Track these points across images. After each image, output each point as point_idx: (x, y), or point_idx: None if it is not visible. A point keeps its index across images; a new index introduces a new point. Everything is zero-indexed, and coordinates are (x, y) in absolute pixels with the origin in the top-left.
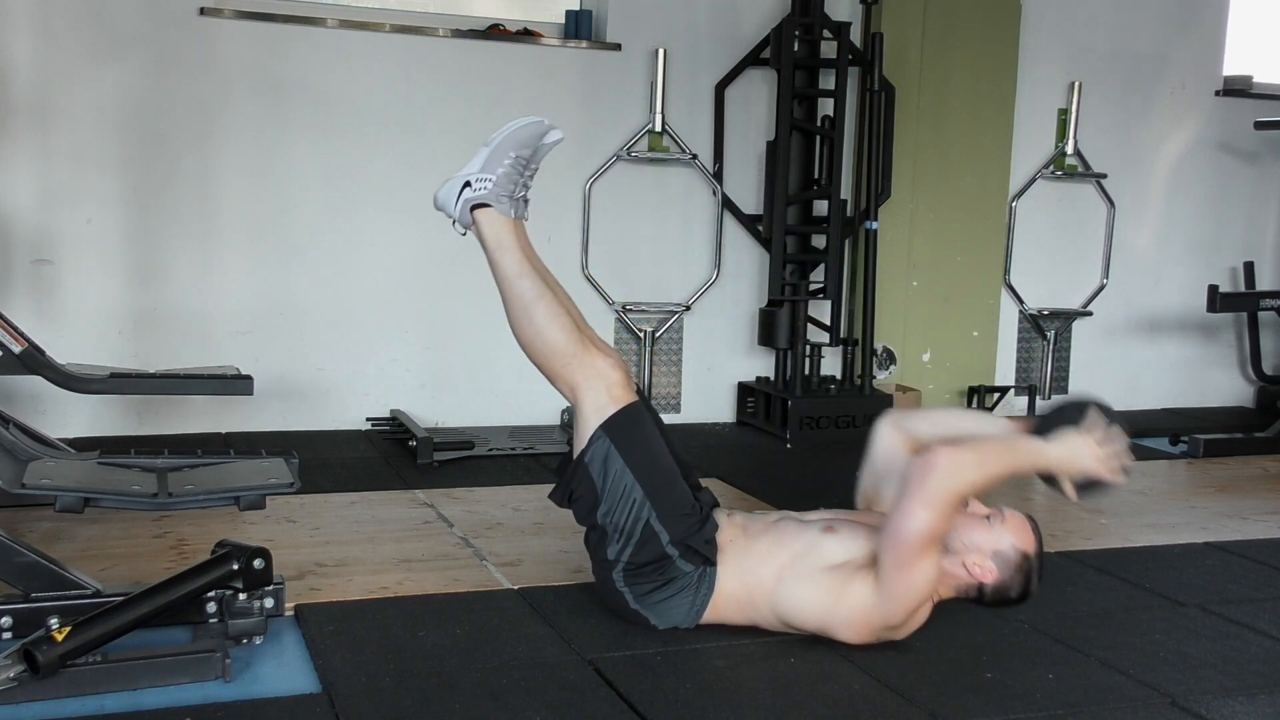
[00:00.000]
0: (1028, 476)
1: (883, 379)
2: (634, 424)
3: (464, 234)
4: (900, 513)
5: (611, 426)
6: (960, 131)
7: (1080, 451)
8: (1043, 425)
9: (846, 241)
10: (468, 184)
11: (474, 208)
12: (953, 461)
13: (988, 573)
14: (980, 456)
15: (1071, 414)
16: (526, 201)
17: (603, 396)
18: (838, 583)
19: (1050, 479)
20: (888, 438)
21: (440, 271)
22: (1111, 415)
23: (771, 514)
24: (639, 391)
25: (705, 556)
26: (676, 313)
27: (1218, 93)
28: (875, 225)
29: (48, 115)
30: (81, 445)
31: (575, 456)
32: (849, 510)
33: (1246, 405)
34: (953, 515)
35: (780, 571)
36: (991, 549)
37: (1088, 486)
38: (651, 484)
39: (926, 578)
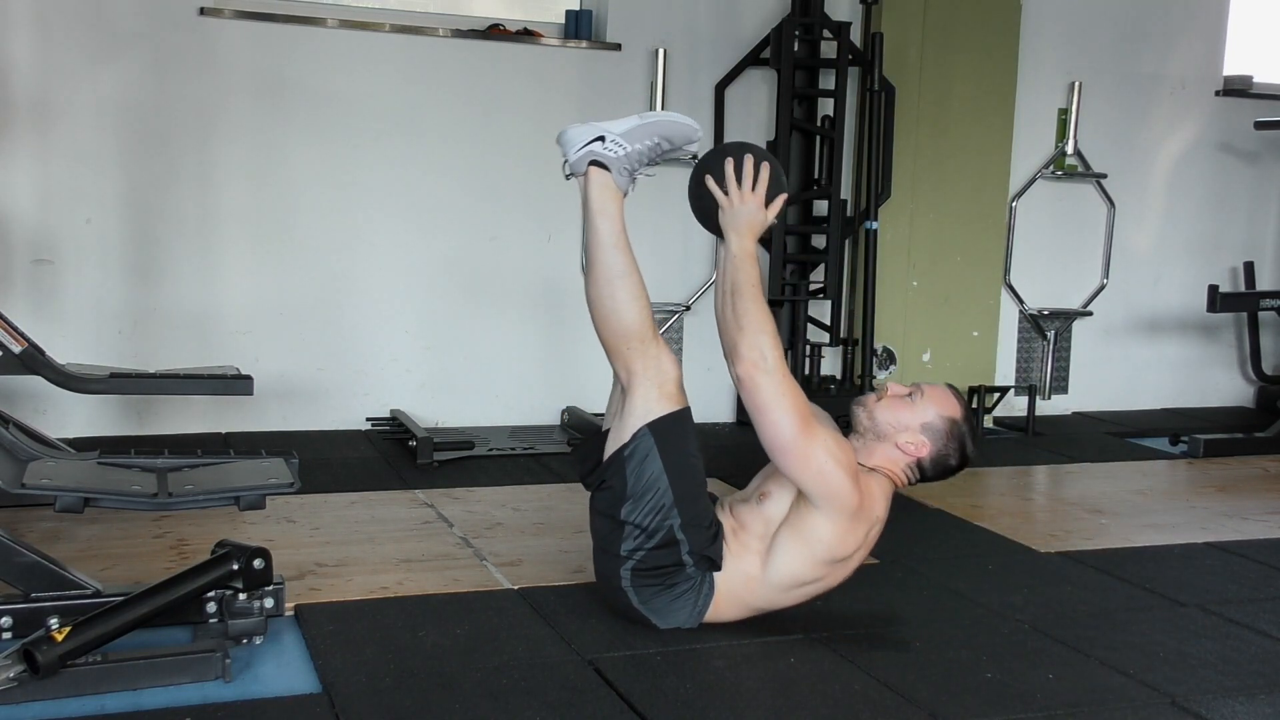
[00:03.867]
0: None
1: (883, 379)
2: (681, 431)
3: (568, 177)
4: (765, 433)
5: (659, 429)
6: (960, 131)
7: (740, 216)
8: (713, 229)
9: (846, 241)
10: (601, 138)
11: (593, 163)
12: (748, 356)
13: (921, 446)
14: (748, 325)
15: (705, 204)
16: (635, 181)
17: (654, 391)
18: (796, 531)
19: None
20: None
21: (440, 271)
22: (711, 160)
23: (732, 499)
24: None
25: (714, 563)
26: (677, 312)
27: (1218, 93)
28: (875, 225)
29: (48, 115)
30: (81, 445)
31: (616, 449)
32: (765, 469)
33: (1246, 405)
34: (789, 374)
35: (759, 557)
36: (919, 423)
37: (774, 198)
38: (683, 493)
39: (829, 450)
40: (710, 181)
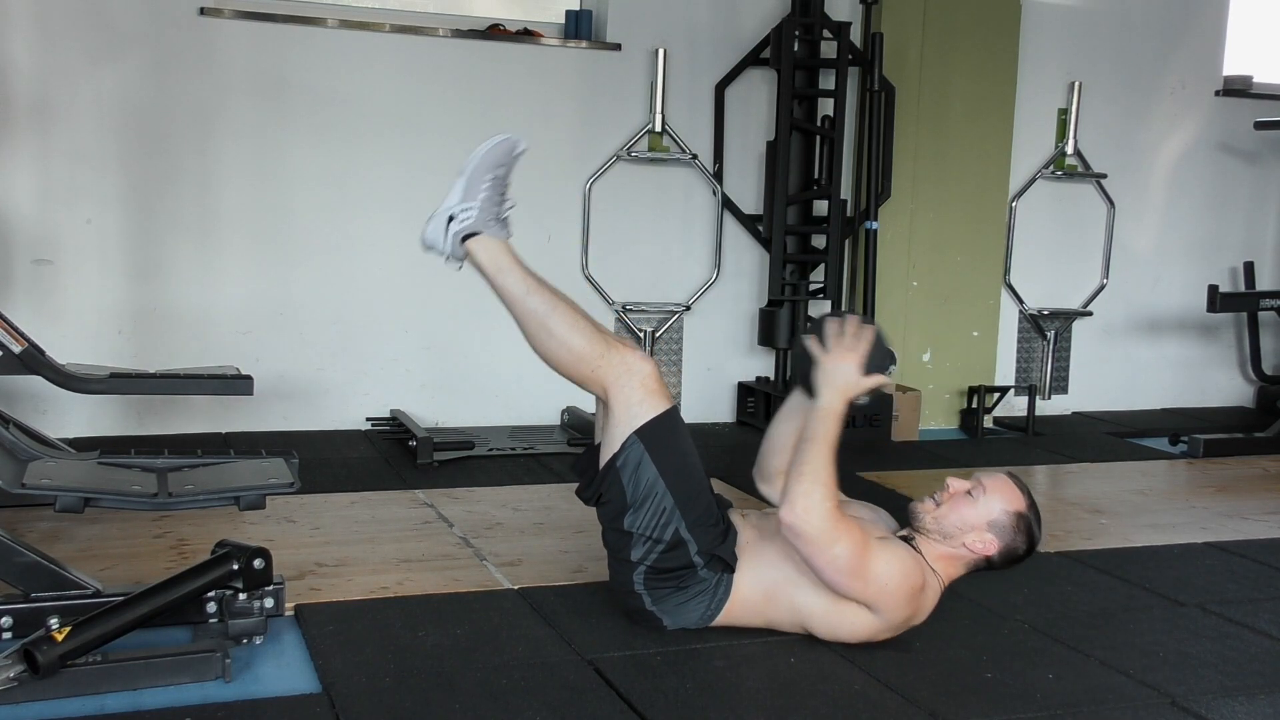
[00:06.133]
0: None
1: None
2: (669, 432)
3: (459, 268)
4: (822, 570)
5: (646, 433)
6: (960, 131)
7: (838, 378)
8: (806, 385)
9: (846, 241)
10: (452, 217)
11: (464, 239)
12: (799, 506)
13: (989, 545)
14: (807, 474)
15: (806, 364)
16: (508, 220)
17: (636, 393)
18: (836, 603)
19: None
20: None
21: (440, 271)
22: (822, 325)
23: (758, 514)
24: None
25: (728, 564)
26: (677, 313)
27: (1218, 93)
28: (875, 225)
29: (48, 115)
30: (81, 445)
31: (607, 460)
32: None
33: (1246, 405)
34: (843, 516)
35: (795, 576)
36: (985, 521)
37: (875, 371)
38: (682, 494)
39: (889, 565)
40: (813, 340)
